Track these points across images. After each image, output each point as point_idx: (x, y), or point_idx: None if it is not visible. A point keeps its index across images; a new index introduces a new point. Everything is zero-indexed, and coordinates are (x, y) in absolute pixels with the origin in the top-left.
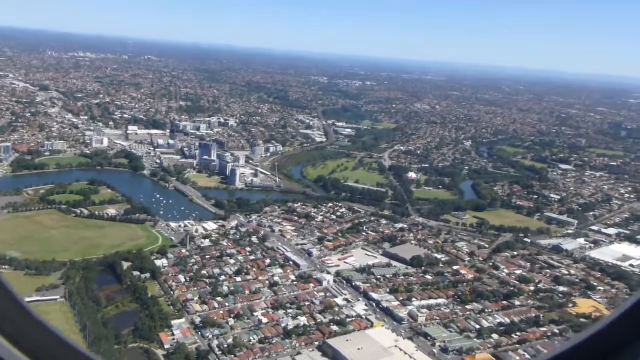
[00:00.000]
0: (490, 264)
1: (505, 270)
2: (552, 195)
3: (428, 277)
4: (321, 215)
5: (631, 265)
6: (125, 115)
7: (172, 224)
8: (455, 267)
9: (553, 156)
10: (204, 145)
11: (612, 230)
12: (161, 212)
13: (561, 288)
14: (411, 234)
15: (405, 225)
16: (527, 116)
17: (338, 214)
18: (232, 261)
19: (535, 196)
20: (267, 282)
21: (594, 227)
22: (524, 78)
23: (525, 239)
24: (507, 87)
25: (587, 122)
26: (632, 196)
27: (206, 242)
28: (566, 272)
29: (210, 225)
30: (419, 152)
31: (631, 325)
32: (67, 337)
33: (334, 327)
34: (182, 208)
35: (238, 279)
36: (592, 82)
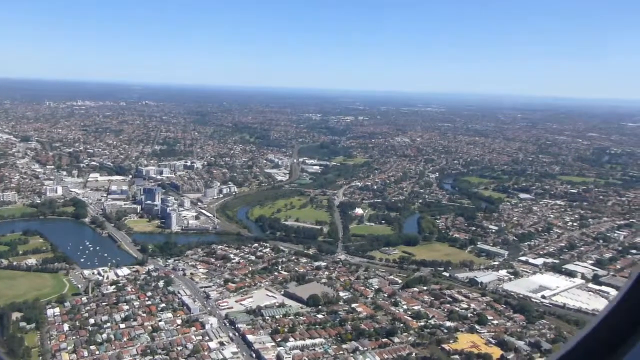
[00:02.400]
0: (392, 300)
1: (405, 307)
2: (490, 226)
3: (319, 316)
4: (240, 256)
5: (543, 296)
6: (93, 163)
7: (86, 272)
8: (354, 305)
9: (515, 185)
10: (148, 190)
11: (540, 261)
12: (82, 260)
13: (449, 323)
14: (326, 272)
15: (324, 264)
16: (509, 145)
17: (258, 254)
18: (126, 307)
19: (474, 228)
20: (150, 327)
21: (523, 258)
22: (528, 106)
23: (445, 273)
24: (504, 116)
25: (571, 148)
26: (575, 224)
27: (111, 289)
28: (466, 307)
29: (124, 271)
30: (375, 187)
31: (624, 321)
32: None
33: None
34: (106, 255)
35: (123, 325)
36: (597, 107)
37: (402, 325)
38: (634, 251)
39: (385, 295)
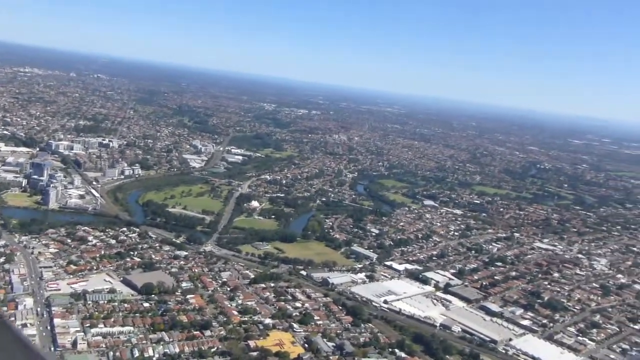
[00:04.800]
0: (231, 295)
1: (240, 301)
2: (373, 230)
3: (146, 304)
4: (100, 239)
5: (385, 301)
6: (5, 132)
7: None
8: (189, 297)
9: (425, 192)
10: (36, 164)
11: (403, 267)
12: None
13: (268, 320)
14: (182, 262)
15: (185, 253)
16: (443, 152)
17: (121, 238)
18: None
19: (357, 230)
20: None
21: (388, 263)
22: (491, 115)
23: (303, 272)
24: (458, 123)
25: (504, 160)
26: (457, 234)
27: None
28: (299, 305)
29: None
30: (284, 182)
31: None
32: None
33: None
34: None
35: None
36: (559, 122)
37: (225, 319)
38: (499, 264)
39: (228, 289)
